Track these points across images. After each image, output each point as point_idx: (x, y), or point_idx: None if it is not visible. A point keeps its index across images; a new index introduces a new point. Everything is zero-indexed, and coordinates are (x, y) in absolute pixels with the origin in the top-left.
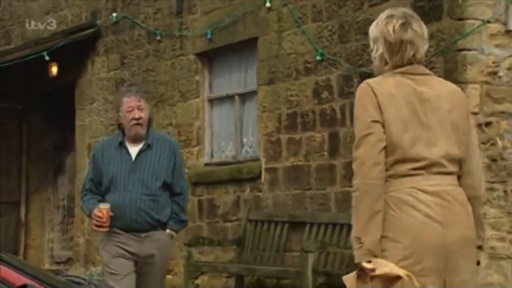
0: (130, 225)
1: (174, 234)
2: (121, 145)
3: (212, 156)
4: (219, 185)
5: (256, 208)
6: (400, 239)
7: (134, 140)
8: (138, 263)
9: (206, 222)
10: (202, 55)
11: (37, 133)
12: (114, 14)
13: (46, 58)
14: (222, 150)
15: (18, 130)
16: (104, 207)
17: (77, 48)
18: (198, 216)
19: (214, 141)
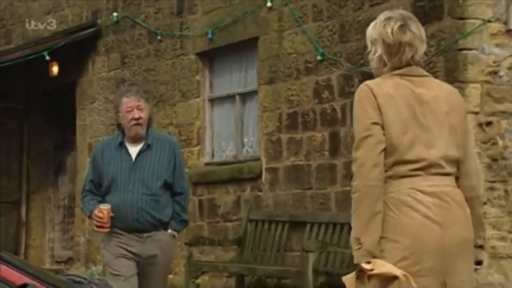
0: (132, 225)
1: (175, 234)
2: (121, 145)
3: (212, 155)
4: (220, 184)
5: (256, 207)
6: (399, 240)
7: (134, 140)
8: (140, 264)
9: (207, 221)
10: (203, 55)
11: (37, 132)
12: (114, 14)
13: (47, 57)
14: (222, 150)
15: (18, 130)
16: (104, 208)
17: (77, 47)
18: (198, 215)
19: (214, 140)
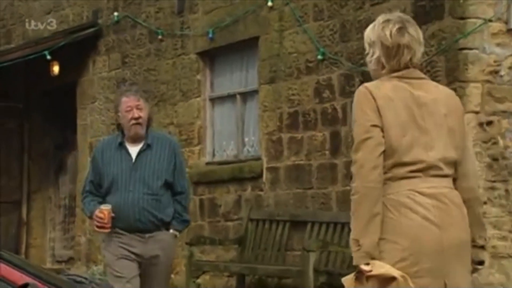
0: (134, 225)
1: (177, 234)
2: (120, 145)
3: (213, 155)
4: (221, 184)
5: (257, 207)
6: (398, 241)
7: (134, 140)
8: (142, 265)
9: (208, 221)
10: (204, 54)
11: (38, 132)
12: (115, 13)
13: (48, 57)
14: (223, 149)
15: (19, 130)
16: (105, 208)
17: (78, 47)
18: (199, 215)
19: (215, 140)
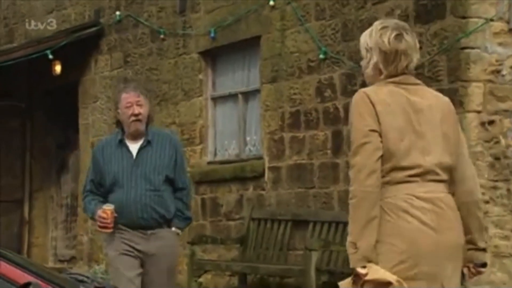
0: (137, 222)
1: (179, 232)
2: (121, 143)
3: (215, 154)
4: (222, 183)
5: (259, 206)
6: (396, 244)
7: (134, 137)
8: (144, 262)
9: (209, 220)
10: (206, 54)
11: (40, 131)
12: (117, 13)
13: (50, 56)
14: (225, 149)
15: (21, 129)
16: (108, 208)
17: (80, 46)
18: (201, 214)
19: (217, 139)
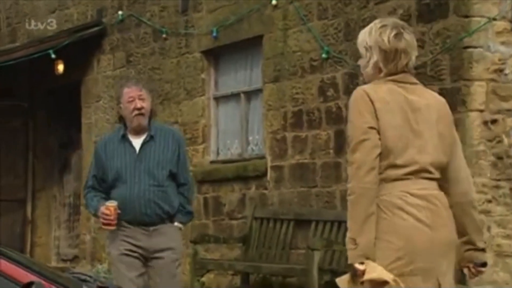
0: (139, 218)
1: (182, 227)
2: (123, 138)
3: (217, 154)
4: (225, 183)
5: (261, 205)
6: (392, 241)
7: (137, 132)
8: (147, 259)
9: (212, 219)
10: (208, 53)
11: (43, 131)
12: (120, 12)
13: (52, 56)
14: (227, 148)
15: (24, 128)
16: (111, 205)
17: (83, 46)
18: (203, 213)
19: (219, 139)
